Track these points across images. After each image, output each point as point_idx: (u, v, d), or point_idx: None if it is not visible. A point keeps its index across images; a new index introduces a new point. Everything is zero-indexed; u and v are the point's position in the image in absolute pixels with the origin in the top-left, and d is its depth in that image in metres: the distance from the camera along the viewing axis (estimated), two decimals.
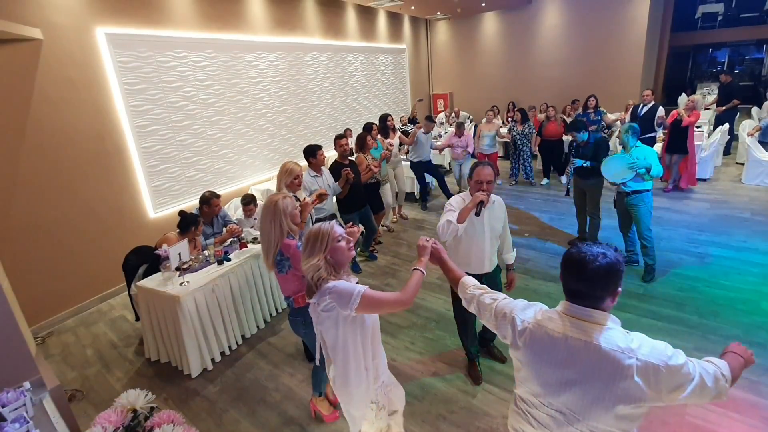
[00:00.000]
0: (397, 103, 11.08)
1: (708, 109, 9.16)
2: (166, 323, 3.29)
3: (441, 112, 12.02)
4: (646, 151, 3.95)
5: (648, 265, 4.17)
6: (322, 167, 4.26)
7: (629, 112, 7.36)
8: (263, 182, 6.60)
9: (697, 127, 7.39)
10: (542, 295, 4.05)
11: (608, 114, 8.08)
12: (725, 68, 15.23)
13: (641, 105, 6.82)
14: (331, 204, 4.37)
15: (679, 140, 6.25)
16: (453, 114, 11.25)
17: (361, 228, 2.08)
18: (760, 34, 13.61)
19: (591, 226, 4.85)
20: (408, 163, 6.54)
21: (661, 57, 11.81)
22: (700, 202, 5.99)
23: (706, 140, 6.82)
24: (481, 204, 2.48)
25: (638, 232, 4.15)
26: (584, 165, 4.50)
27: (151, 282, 3.33)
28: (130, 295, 3.74)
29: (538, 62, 10.85)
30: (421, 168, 6.48)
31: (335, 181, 4.30)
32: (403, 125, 8.88)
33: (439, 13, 11.19)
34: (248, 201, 4.61)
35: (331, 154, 6.50)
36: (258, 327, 3.85)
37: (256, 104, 6.60)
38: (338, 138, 4.57)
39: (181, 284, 3.22)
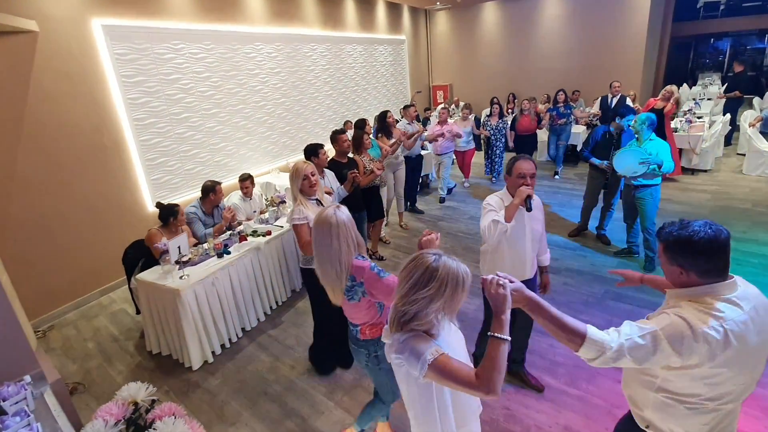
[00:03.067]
0: (397, 94, 11.01)
1: (710, 100, 9.10)
2: (167, 316, 3.29)
3: (440, 103, 11.95)
4: (659, 146, 3.84)
5: (648, 257, 4.18)
6: (325, 168, 3.87)
7: (597, 103, 7.33)
8: (262, 175, 6.57)
9: (698, 118, 7.36)
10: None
11: (577, 108, 8.07)
12: (727, 58, 15.11)
13: (611, 96, 6.77)
14: None
15: (658, 129, 6.18)
16: (453, 105, 11.18)
17: (438, 236, 1.81)
18: (762, 23, 13.47)
19: (607, 218, 4.91)
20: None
21: (662, 47, 11.71)
22: (700, 193, 5.98)
23: (707, 131, 6.78)
24: (528, 198, 2.27)
25: (642, 225, 4.13)
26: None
27: (151, 275, 3.33)
28: (130, 289, 3.75)
29: (538, 53, 10.75)
30: (410, 163, 6.06)
31: (340, 184, 3.75)
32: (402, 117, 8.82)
33: (438, 3, 11.06)
34: (245, 177, 4.58)
35: (327, 147, 6.31)
36: (258, 319, 3.86)
37: (255, 96, 6.55)
38: (338, 133, 4.16)
39: (181, 277, 3.22)
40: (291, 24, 7.27)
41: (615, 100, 6.74)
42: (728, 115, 7.52)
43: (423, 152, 6.49)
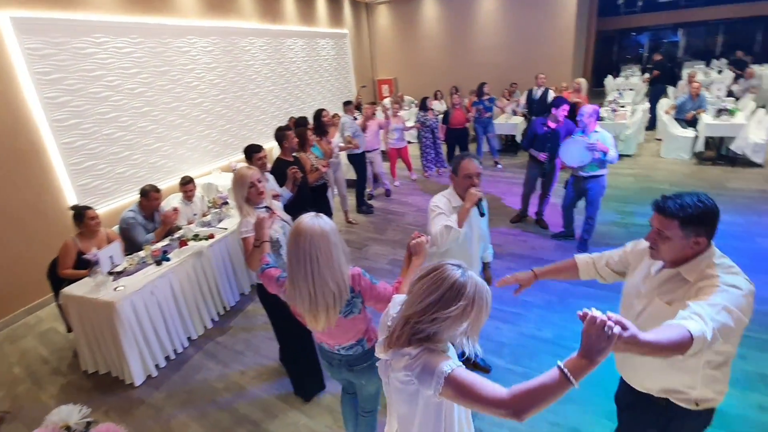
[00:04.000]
0: (341, 89, 10.93)
1: (631, 90, 9.86)
2: (102, 332, 3.09)
3: (386, 97, 12.01)
4: (604, 137, 4.08)
5: (583, 239, 4.48)
6: (266, 172, 3.58)
7: (523, 95, 7.78)
8: (203, 176, 6.29)
9: (621, 106, 7.95)
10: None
11: (500, 99, 8.60)
12: (647, 51, 16.38)
13: (536, 89, 7.18)
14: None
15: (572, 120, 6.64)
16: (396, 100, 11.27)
17: (428, 238, 1.73)
18: (676, 18, 14.78)
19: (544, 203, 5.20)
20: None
21: (589, 41, 12.49)
22: (625, 176, 6.48)
23: (630, 118, 7.35)
24: (480, 201, 2.24)
25: (589, 212, 4.37)
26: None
27: (81, 289, 3.10)
28: (58, 305, 3.47)
29: (477, 46, 11.09)
30: (363, 160, 6.09)
31: (281, 186, 3.52)
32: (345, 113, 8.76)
33: None
34: (187, 181, 4.36)
35: (270, 145, 6.05)
36: (205, 327, 3.71)
37: (191, 93, 6.24)
38: (286, 129, 3.87)
39: (115, 289, 3.03)
40: (226, 17, 6.98)
41: (540, 92, 7.13)
42: (647, 104, 8.20)
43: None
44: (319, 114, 5.17)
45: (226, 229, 4.01)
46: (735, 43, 14.98)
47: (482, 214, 2.30)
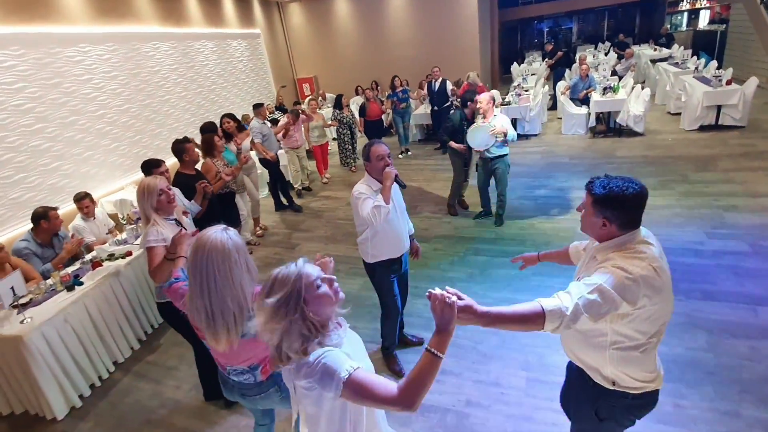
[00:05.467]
0: (260, 90, 10.69)
1: (533, 75, 10.68)
2: (11, 369, 2.85)
3: (308, 96, 11.92)
4: (502, 119, 4.45)
5: (498, 215, 4.86)
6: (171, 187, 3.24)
7: (424, 87, 8.37)
8: (113, 193, 5.88)
9: (525, 90, 8.62)
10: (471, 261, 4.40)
11: (416, 91, 9.23)
12: (546, 39, 17.78)
13: (433, 80, 7.67)
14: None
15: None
16: (320, 97, 11.26)
17: (332, 259, 1.65)
18: (567, 6, 16.16)
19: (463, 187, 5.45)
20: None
21: (493, 31, 13.30)
22: (533, 154, 7.08)
23: (533, 101, 8.01)
24: (397, 176, 2.49)
25: (499, 189, 4.74)
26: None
27: None
28: None
29: (392, 42, 11.38)
30: (276, 162, 5.96)
31: (190, 201, 3.33)
32: (269, 113, 8.62)
33: None
34: (81, 197, 4.00)
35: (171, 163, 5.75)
36: (132, 348, 3.54)
37: (90, 105, 5.79)
38: (184, 142, 3.70)
39: (22, 322, 2.81)
40: (122, 21, 6.55)
41: (437, 84, 7.56)
42: (547, 87, 8.98)
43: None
44: (219, 125, 5.25)
45: None
46: (619, 27, 16.79)
47: (404, 186, 2.60)
